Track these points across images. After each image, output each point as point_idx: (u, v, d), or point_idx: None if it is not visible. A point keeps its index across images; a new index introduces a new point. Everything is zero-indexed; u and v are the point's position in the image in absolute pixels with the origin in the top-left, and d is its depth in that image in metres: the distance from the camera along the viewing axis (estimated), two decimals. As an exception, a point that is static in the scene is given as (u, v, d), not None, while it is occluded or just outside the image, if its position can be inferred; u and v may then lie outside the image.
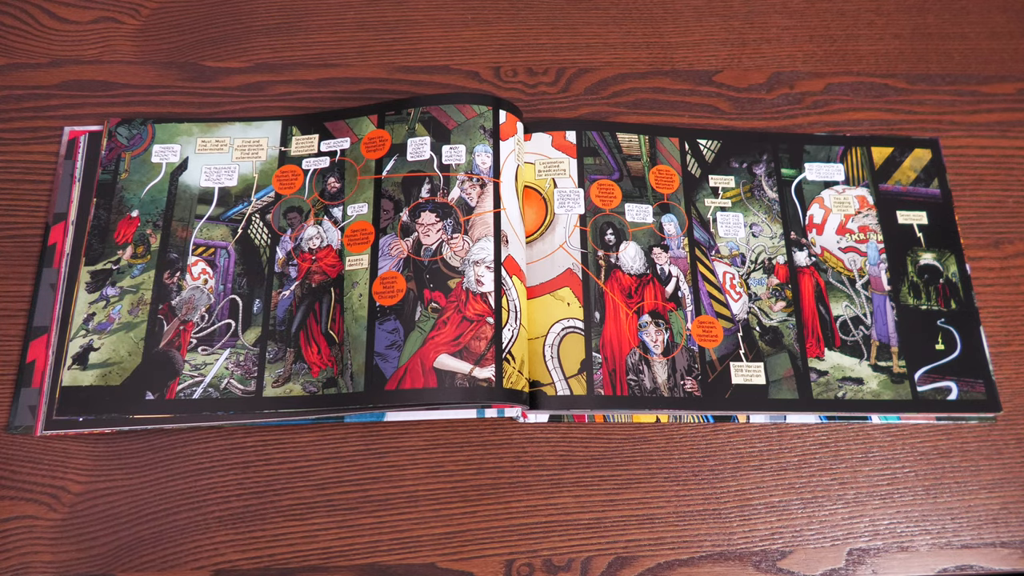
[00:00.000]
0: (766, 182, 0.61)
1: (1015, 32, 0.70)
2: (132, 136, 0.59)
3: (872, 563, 0.53)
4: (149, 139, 0.59)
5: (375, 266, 0.53)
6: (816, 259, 0.59)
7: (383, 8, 0.67)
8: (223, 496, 0.51)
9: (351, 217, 0.55)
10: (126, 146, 0.58)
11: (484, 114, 0.56)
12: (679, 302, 0.56)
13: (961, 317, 0.58)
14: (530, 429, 0.54)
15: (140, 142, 0.58)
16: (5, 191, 0.58)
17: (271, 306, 0.54)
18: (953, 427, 0.56)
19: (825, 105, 0.66)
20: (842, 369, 0.56)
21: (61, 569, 0.49)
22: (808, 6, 0.70)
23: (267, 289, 0.55)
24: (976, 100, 0.67)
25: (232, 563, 0.50)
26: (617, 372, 0.53)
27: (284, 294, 0.54)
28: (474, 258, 0.53)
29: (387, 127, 0.57)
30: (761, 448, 0.55)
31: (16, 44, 0.63)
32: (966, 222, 0.62)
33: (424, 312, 0.51)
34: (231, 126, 0.60)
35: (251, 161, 0.58)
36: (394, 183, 0.55)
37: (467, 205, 0.54)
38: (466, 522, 0.52)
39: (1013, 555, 0.53)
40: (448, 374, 0.50)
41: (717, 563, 0.52)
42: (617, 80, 0.65)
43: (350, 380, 0.51)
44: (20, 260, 0.56)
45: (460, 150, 0.55)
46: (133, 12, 0.65)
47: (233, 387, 0.52)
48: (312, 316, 0.53)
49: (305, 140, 0.59)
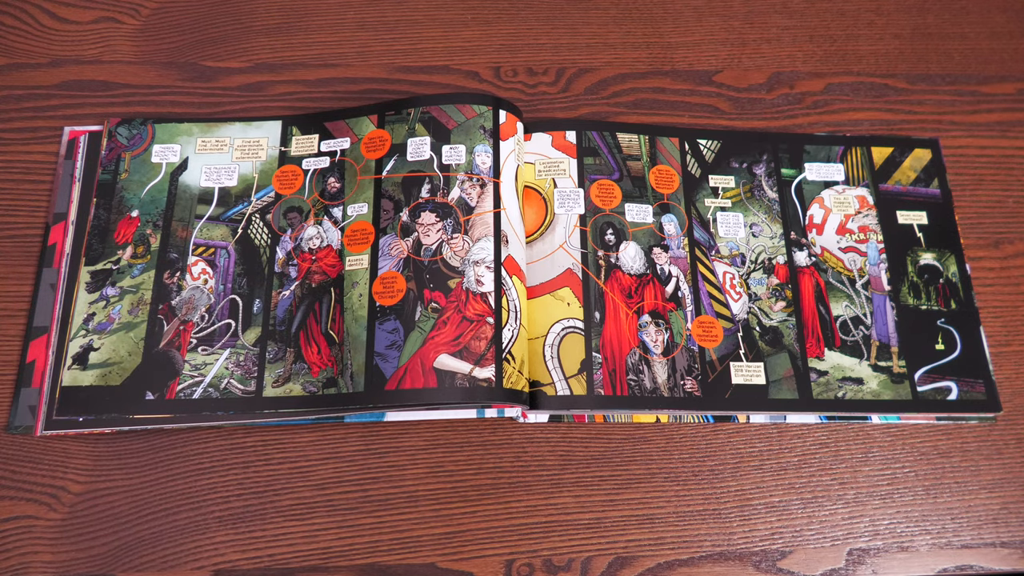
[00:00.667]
0: (766, 182, 0.61)
1: (1015, 32, 0.70)
2: (132, 136, 0.59)
3: (872, 563, 0.53)
4: (149, 139, 0.59)
5: (375, 266, 0.53)
6: (816, 259, 0.59)
7: (383, 8, 0.67)
8: (223, 496, 0.51)
9: (351, 217, 0.55)
10: (126, 146, 0.58)
11: (484, 114, 0.56)
12: (679, 302, 0.56)
13: (961, 317, 0.58)
14: (530, 429, 0.54)
15: (140, 142, 0.58)
16: (5, 191, 0.58)
17: (271, 306, 0.54)
18: (953, 427, 0.56)
19: (825, 105, 0.66)
20: (842, 369, 0.56)
21: (61, 569, 0.49)
22: (808, 6, 0.70)
23: (267, 289, 0.54)
24: (976, 100, 0.67)
25: (232, 563, 0.50)
26: (617, 372, 0.53)
27: (284, 294, 0.54)
28: (474, 258, 0.53)
29: (387, 127, 0.57)
30: (761, 448, 0.55)
31: (16, 44, 0.63)
32: (966, 222, 0.62)
33: (424, 312, 0.51)
34: (231, 126, 0.60)
35: (251, 161, 0.58)
36: (394, 183, 0.55)
37: (467, 205, 0.54)
38: (466, 522, 0.52)
39: (1013, 555, 0.53)
40: (448, 374, 0.50)
41: (717, 563, 0.52)
42: (617, 80, 0.65)
43: (350, 380, 0.51)
44: (20, 260, 0.56)
45: (460, 150, 0.55)
46: (133, 12, 0.65)
47: (233, 387, 0.52)
48: (312, 316, 0.53)
49: (305, 140, 0.59)
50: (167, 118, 0.60)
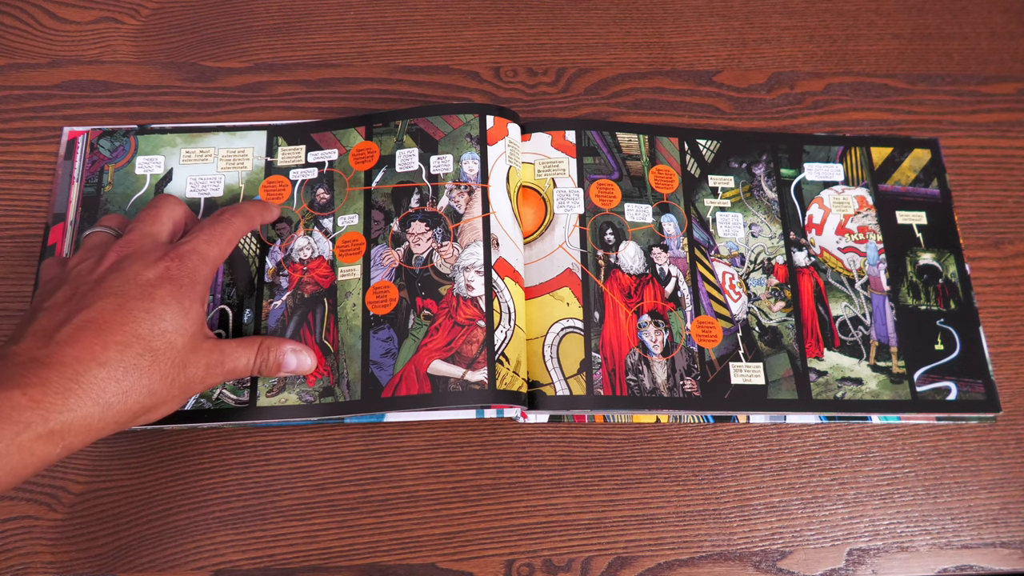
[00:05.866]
0: (765, 182, 0.61)
1: (1015, 32, 0.70)
2: (115, 148, 0.58)
3: (872, 563, 0.53)
4: (132, 151, 0.58)
5: (368, 276, 0.53)
6: (815, 259, 0.59)
7: (383, 8, 0.67)
8: (223, 496, 0.51)
9: (342, 228, 0.56)
10: (109, 158, 0.58)
11: (470, 122, 0.56)
12: (678, 302, 0.56)
13: (961, 317, 0.58)
14: (530, 429, 0.54)
15: (123, 154, 0.58)
16: (5, 191, 0.58)
17: (262, 316, 0.54)
18: (953, 427, 0.56)
19: (825, 105, 0.66)
20: (841, 369, 0.56)
21: (61, 569, 0.49)
22: (808, 6, 0.70)
23: (257, 299, 0.54)
24: (976, 100, 0.67)
25: (232, 563, 0.50)
26: (617, 372, 0.53)
27: (275, 304, 0.54)
28: (463, 264, 0.53)
29: (375, 139, 0.57)
30: (761, 448, 0.55)
31: (16, 44, 0.63)
32: (966, 222, 0.62)
33: (417, 320, 0.52)
34: (215, 136, 0.59)
35: (237, 171, 0.58)
36: (384, 194, 0.55)
37: (456, 213, 0.54)
38: (466, 522, 0.52)
39: (1013, 555, 0.53)
40: (442, 379, 0.50)
41: (717, 563, 0.52)
42: (617, 80, 0.65)
43: (347, 389, 0.51)
44: (20, 260, 0.56)
45: (447, 159, 0.56)
46: (133, 12, 0.65)
47: (226, 397, 0.52)
48: (306, 326, 0.53)
49: (291, 151, 0.59)
50: (149, 130, 0.59)
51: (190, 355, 0.43)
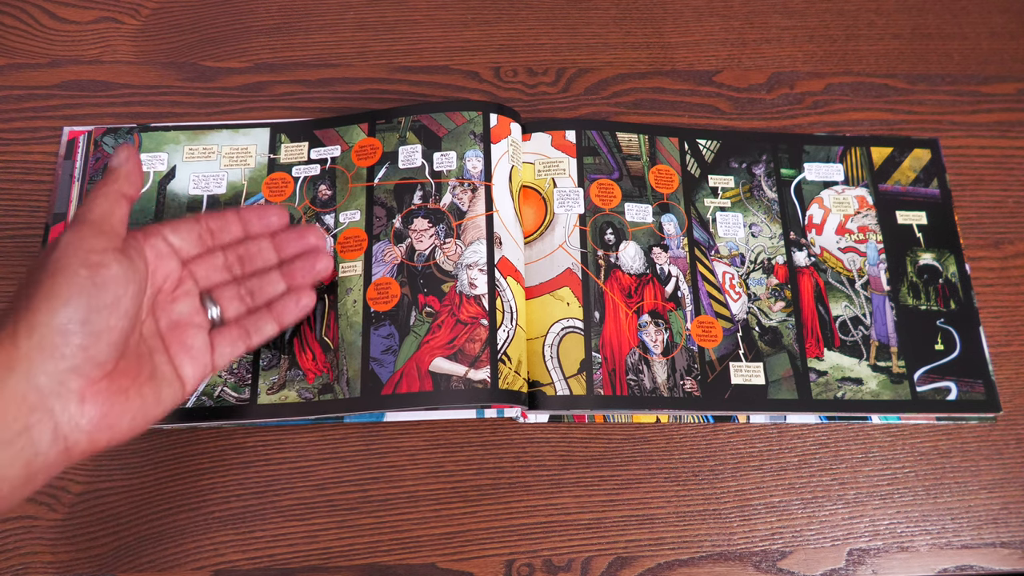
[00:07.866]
0: (765, 182, 0.61)
1: (1015, 32, 0.70)
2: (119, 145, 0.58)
3: (872, 563, 0.53)
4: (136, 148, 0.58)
5: (369, 272, 0.53)
6: (815, 259, 0.59)
7: (383, 8, 0.67)
8: (223, 496, 0.51)
9: (343, 224, 0.55)
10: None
11: (474, 119, 0.56)
12: (679, 302, 0.56)
13: (961, 317, 0.58)
14: (530, 429, 0.54)
15: None
16: (5, 191, 0.58)
17: None
18: (953, 427, 0.56)
19: (825, 105, 0.66)
20: (841, 369, 0.56)
21: (61, 569, 0.49)
22: (808, 6, 0.70)
23: None
24: (976, 100, 0.67)
25: (232, 563, 0.50)
26: (617, 372, 0.53)
27: None
28: (467, 261, 0.53)
29: (378, 135, 0.57)
30: (761, 448, 0.55)
31: (16, 44, 0.63)
32: (966, 222, 0.62)
33: (419, 317, 0.52)
34: (218, 133, 0.59)
35: (240, 168, 0.58)
36: (386, 190, 0.55)
37: (459, 210, 0.54)
38: (466, 522, 0.52)
39: (1013, 555, 0.53)
40: (444, 377, 0.50)
41: (717, 563, 0.52)
42: (617, 80, 0.65)
43: (346, 386, 0.51)
44: (20, 260, 0.56)
45: (451, 156, 0.55)
46: (133, 12, 0.65)
47: (227, 395, 0.52)
48: (306, 322, 0.53)
49: (294, 147, 0.59)
50: (153, 127, 0.59)
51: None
